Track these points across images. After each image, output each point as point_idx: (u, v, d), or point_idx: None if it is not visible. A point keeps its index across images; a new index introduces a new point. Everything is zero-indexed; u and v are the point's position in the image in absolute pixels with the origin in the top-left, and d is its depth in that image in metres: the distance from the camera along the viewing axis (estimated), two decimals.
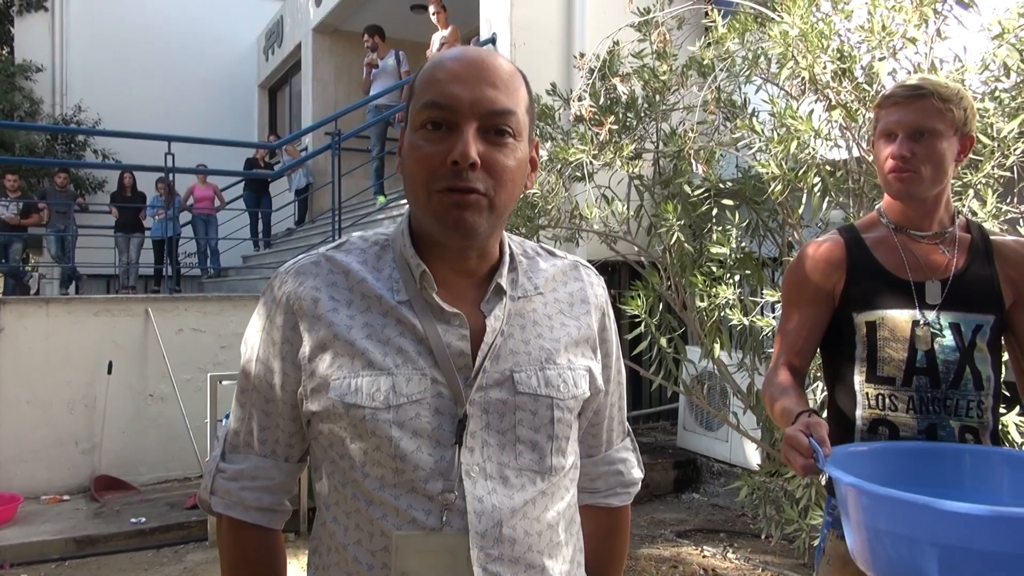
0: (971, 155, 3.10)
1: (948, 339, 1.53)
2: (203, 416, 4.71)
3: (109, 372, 5.33)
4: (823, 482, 3.02)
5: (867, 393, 1.56)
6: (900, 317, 1.55)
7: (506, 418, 0.96)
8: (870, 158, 3.22)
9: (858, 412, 1.57)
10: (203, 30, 13.57)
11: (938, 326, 1.53)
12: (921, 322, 1.54)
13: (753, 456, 5.01)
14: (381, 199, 7.93)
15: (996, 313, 1.55)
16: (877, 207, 1.70)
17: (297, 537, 4.37)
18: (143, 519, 4.54)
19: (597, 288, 1.13)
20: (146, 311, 5.52)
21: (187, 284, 10.16)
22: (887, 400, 1.55)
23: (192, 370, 5.44)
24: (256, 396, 1.01)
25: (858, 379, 1.58)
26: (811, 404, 1.61)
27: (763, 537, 4.23)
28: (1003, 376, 1.59)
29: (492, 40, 6.51)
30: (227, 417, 4.43)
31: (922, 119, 1.51)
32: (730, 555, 4.28)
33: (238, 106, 13.51)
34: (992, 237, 1.62)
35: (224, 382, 4.53)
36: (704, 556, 4.27)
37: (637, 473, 1.19)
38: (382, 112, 8.02)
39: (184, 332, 5.60)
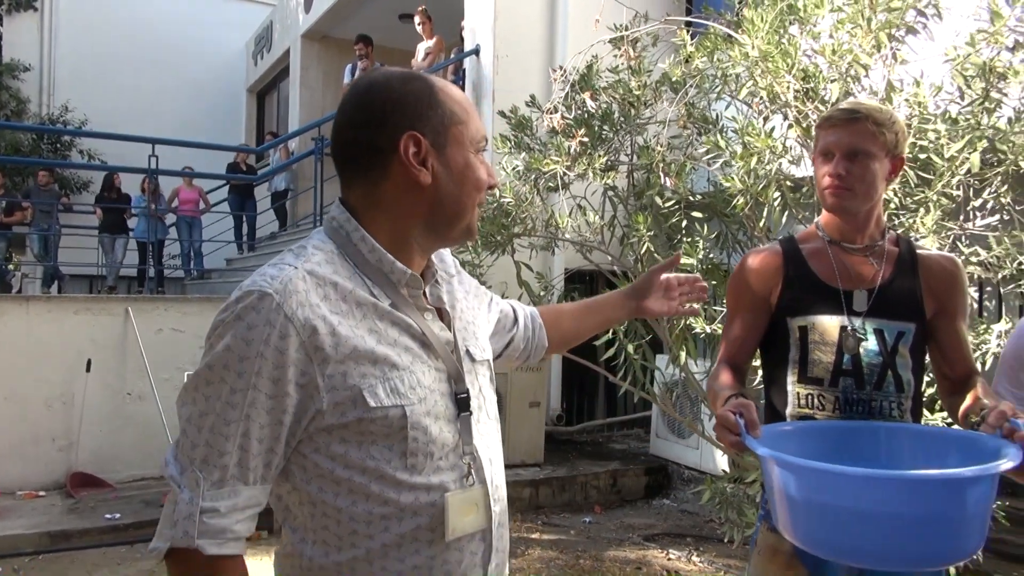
0: (924, 174, 3.25)
1: (872, 344, 1.64)
2: None
3: (88, 370, 5.38)
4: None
5: (798, 393, 1.67)
6: (829, 323, 1.66)
7: (476, 383, 1.16)
8: None
9: (788, 410, 1.68)
10: (193, 33, 13.66)
11: (863, 332, 1.65)
12: (848, 328, 1.65)
13: (722, 463, 5.12)
14: None
15: (917, 322, 1.66)
16: (815, 221, 1.82)
17: (270, 535, 4.43)
18: (118, 515, 4.59)
19: (457, 263, 1.34)
20: (126, 310, 5.58)
21: (170, 286, 10.20)
22: (815, 400, 1.66)
23: (171, 369, 5.49)
24: (252, 425, 0.98)
25: (790, 379, 1.69)
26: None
27: (727, 541, 4.33)
28: (924, 383, 1.71)
29: (476, 51, 6.64)
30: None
31: (857, 141, 1.63)
32: (694, 558, 4.39)
33: (226, 110, 13.59)
34: (918, 251, 1.74)
35: None
36: (669, 559, 4.37)
37: (511, 305, 1.50)
38: None
39: (164, 332, 5.66)
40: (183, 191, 9.93)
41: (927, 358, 1.74)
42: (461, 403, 1.11)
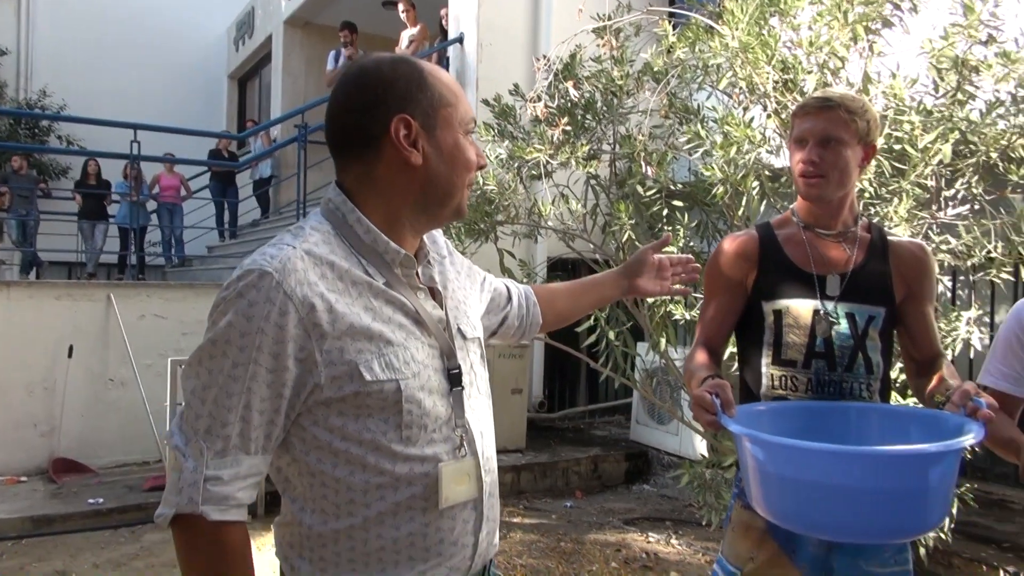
0: (899, 164, 3.33)
1: (844, 327, 1.70)
2: (163, 400, 4.78)
3: (69, 356, 5.36)
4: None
5: (772, 375, 1.73)
6: (803, 306, 1.72)
7: (467, 360, 1.21)
8: None
9: (762, 391, 1.74)
10: (173, 18, 13.51)
11: (835, 315, 1.71)
12: (821, 311, 1.71)
13: (700, 448, 5.21)
14: None
15: (887, 306, 1.72)
16: (791, 207, 1.87)
17: (253, 519, 4.47)
18: (101, 500, 4.60)
19: (451, 245, 1.38)
20: (108, 296, 5.56)
21: (150, 273, 10.13)
22: (789, 381, 1.72)
23: (153, 355, 5.48)
24: (253, 397, 1.02)
25: (765, 361, 1.75)
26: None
27: (705, 524, 4.42)
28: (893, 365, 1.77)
29: (460, 39, 6.64)
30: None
31: (830, 128, 1.68)
32: (673, 541, 4.47)
33: (207, 96, 13.47)
34: (889, 237, 1.80)
35: None
36: (648, 542, 4.45)
37: (505, 284, 1.56)
38: None
39: (146, 318, 5.65)
40: (164, 177, 9.86)
41: (896, 341, 1.80)
42: (453, 378, 1.15)
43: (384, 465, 1.08)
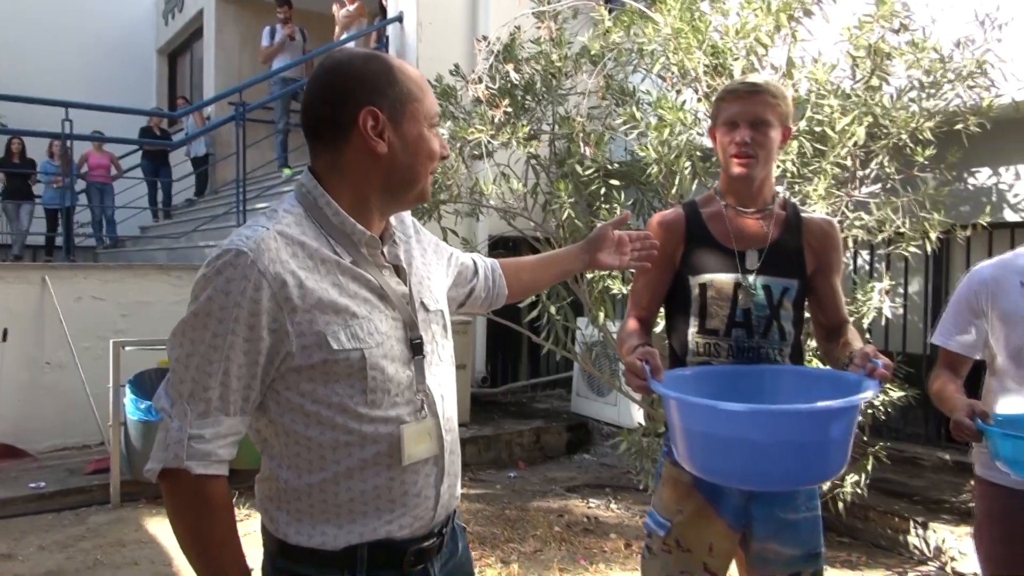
0: (819, 146, 3.54)
1: (761, 298, 1.86)
2: (103, 383, 4.73)
3: (4, 339, 5.24)
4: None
5: (697, 342, 1.89)
6: (725, 280, 1.87)
7: (429, 331, 1.32)
8: None
9: (688, 357, 1.89)
10: None
11: (754, 288, 1.87)
12: (741, 284, 1.87)
13: (637, 417, 5.43)
14: (287, 171, 7.95)
15: (800, 278, 1.89)
16: (713, 186, 2.02)
17: None
18: (43, 484, 4.55)
19: (418, 224, 1.49)
20: (43, 279, 5.44)
21: (81, 254, 9.84)
22: (712, 348, 1.87)
23: (92, 338, 5.40)
24: (231, 364, 1.13)
25: (691, 331, 1.90)
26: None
27: (642, 488, 4.64)
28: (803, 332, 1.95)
29: (399, 18, 6.64)
30: (132, 384, 4.48)
31: (760, 111, 1.81)
32: (612, 505, 4.69)
33: (135, 71, 13.01)
34: (802, 214, 1.97)
35: (128, 348, 4.58)
36: (589, 507, 4.65)
37: (472, 258, 1.67)
38: (288, 85, 8.02)
39: (83, 300, 5.54)
40: (93, 156, 9.57)
41: (807, 311, 1.98)
42: (415, 347, 1.27)
43: (351, 425, 1.20)
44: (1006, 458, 1.66)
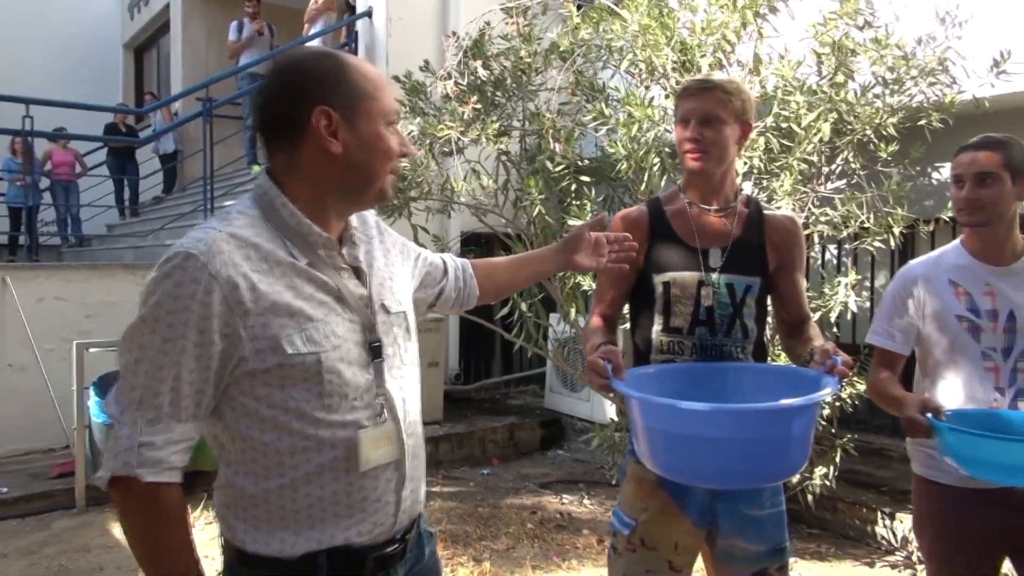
0: (786, 142, 3.57)
1: (724, 297, 1.87)
2: (67, 386, 4.65)
3: None
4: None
5: (661, 341, 1.89)
6: (688, 278, 1.87)
7: (390, 333, 1.30)
8: None
9: (652, 356, 1.89)
10: None
11: (717, 286, 1.87)
12: (704, 282, 1.87)
13: (610, 412, 5.45)
14: (256, 168, 7.84)
15: (762, 276, 1.90)
16: (677, 183, 2.03)
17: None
18: (5, 490, 4.45)
19: (383, 225, 1.45)
20: (3, 280, 5.32)
21: (45, 254, 9.64)
22: (676, 346, 1.88)
23: (55, 339, 5.30)
24: (182, 369, 1.11)
25: (655, 329, 1.90)
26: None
27: (614, 483, 4.67)
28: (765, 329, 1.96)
29: (368, 13, 6.57)
30: (96, 386, 4.40)
31: (710, 108, 1.82)
32: (585, 501, 4.70)
33: (100, 66, 12.75)
34: (764, 211, 1.98)
35: (92, 350, 4.49)
36: (562, 503, 4.66)
37: (443, 258, 1.65)
38: (256, 81, 7.92)
39: (46, 301, 5.44)
40: (56, 153, 9.37)
41: (769, 308, 1.99)
42: (374, 350, 1.25)
43: (308, 430, 1.18)
44: (957, 455, 1.66)
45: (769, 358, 2.28)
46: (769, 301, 1.98)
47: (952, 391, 1.95)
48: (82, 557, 3.80)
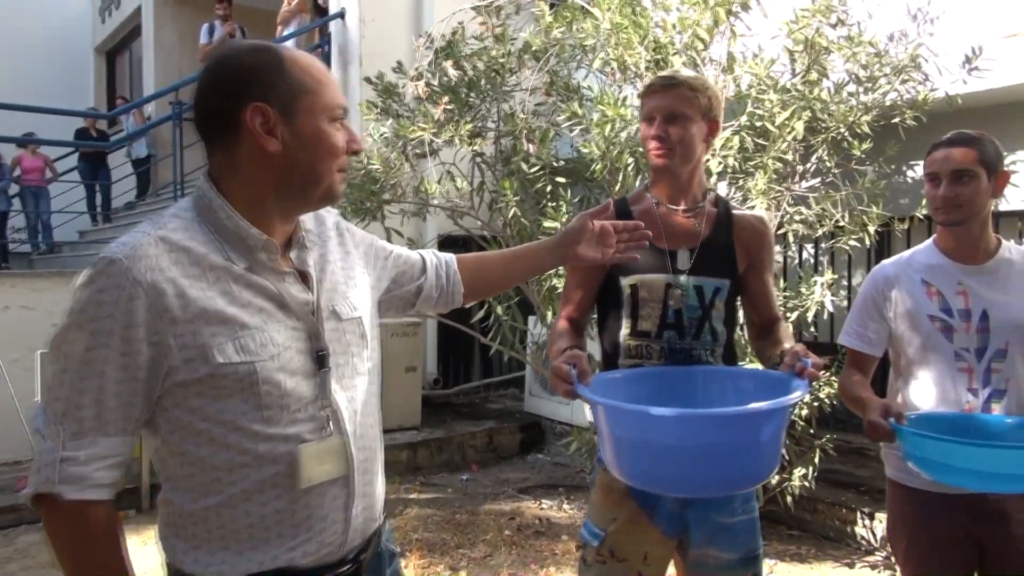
0: (761, 141, 3.54)
1: (693, 299, 1.82)
2: (34, 396, 4.53)
3: None
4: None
5: (629, 344, 1.83)
6: (656, 280, 1.82)
7: (342, 340, 1.23)
8: None
9: (620, 360, 1.84)
10: None
11: (686, 289, 1.82)
12: (672, 285, 1.82)
13: (590, 416, 5.40)
14: None
15: (731, 278, 1.85)
16: (644, 183, 1.97)
17: (138, 513, 4.33)
18: None
19: (346, 225, 1.39)
20: None
21: (15, 261, 9.47)
22: (644, 349, 1.82)
23: (21, 349, 5.16)
24: (107, 380, 1.05)
25: (623, 333, 1.85)
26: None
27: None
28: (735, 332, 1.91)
29: (340, 15, 6.50)
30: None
31: (675, 105, 1.77)
32: (564, 506, 4.64)
33: (71, 71, 12.55)
34: (733, 211, 1.93)
35: None
36: (541, 508, 4.61)
37: (422, 254, 1.56)
38: None
39: (11, 310, 5.31)
40: (26, 159, 9.19)
41: (739, 310, 1.94)
42: (320, 359, 1.18)
43: (245, 444, 1.11)
44: (919, 459, 1.63)
45: (744, 361, 2.24)
46: (739, 303, 1.93)
47: (925, 392, 1.92)
48: (48, 573, 3.69)
